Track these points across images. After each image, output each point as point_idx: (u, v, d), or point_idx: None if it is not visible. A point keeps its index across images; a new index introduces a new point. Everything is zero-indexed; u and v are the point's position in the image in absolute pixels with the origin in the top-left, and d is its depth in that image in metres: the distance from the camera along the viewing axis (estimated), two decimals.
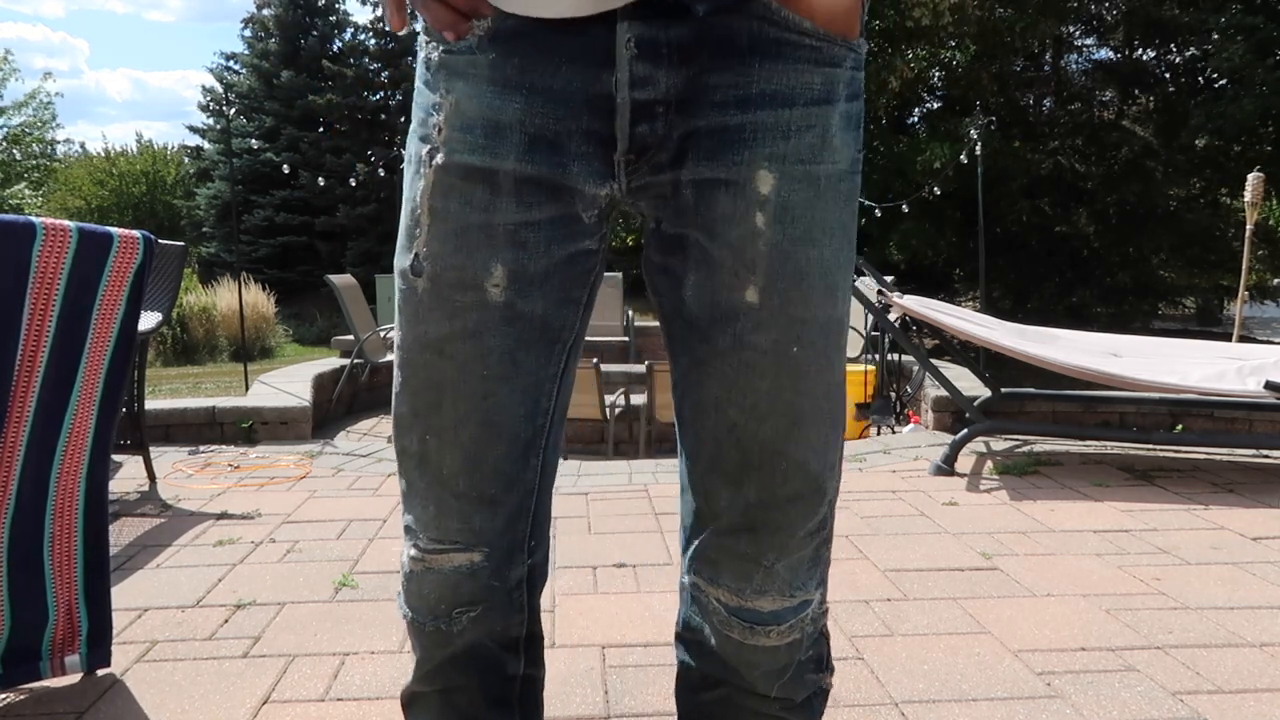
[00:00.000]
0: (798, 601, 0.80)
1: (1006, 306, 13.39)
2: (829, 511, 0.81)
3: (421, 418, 0.84)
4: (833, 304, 0.75)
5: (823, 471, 0.78)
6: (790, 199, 0.72)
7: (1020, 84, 14.87)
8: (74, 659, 1.80)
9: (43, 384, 1.64)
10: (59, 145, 24.27)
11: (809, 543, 0.80)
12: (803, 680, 0.84)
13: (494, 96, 0.74)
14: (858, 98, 0.74)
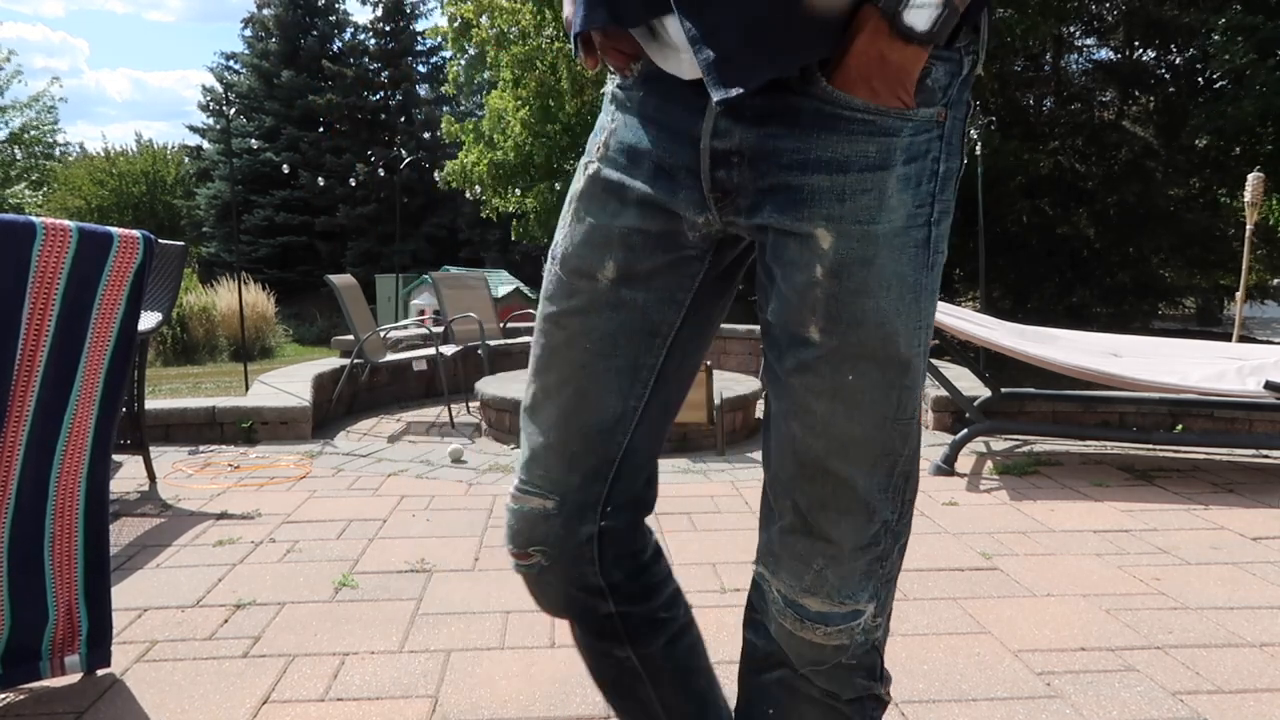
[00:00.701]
0: (847, 610, 0.87)
1: (1006, 306, 13.38)
2: (883, 531, 0.87)
3: (537, 375, 1.00)
4: (890, 345, 0.83)
5: (871, 492, 0.86)
6: (846, 256, 0.81)
7: (1020, 84, 14.86)
8: (74, 659, 1.80)
9: (42, 383, 1.64)
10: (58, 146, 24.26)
11: (859, 557, 0.87)
12: (850, 682, 0.90)
13: (639, 127, 0.91)
14: (920, 158, 0.82)
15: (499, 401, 5.22)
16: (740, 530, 2.81)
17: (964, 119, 0.85)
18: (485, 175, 15.97)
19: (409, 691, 1.78)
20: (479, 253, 24.38)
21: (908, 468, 0.88)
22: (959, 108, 0.84)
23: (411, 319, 10.49)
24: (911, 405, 0.86)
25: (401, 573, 2.45)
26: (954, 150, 0.85)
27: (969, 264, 14.16)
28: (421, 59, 26.68)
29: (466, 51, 17.98)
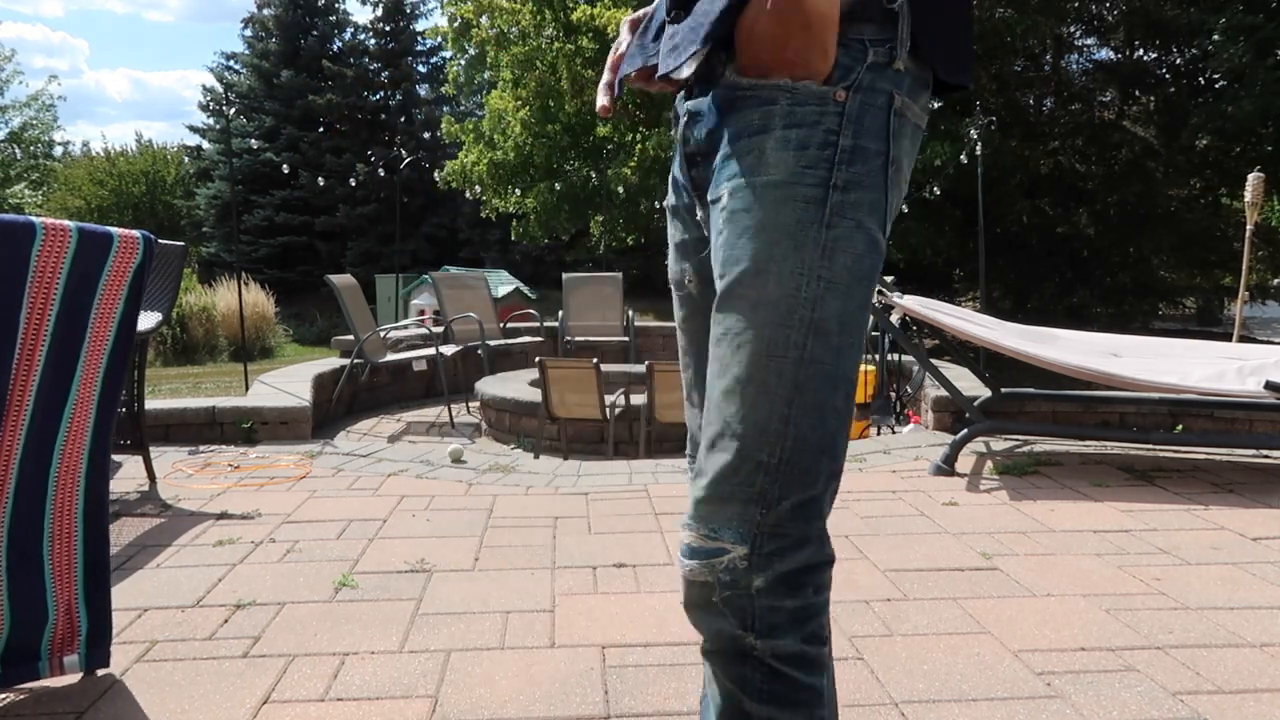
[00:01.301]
0: (711, 546, 0.89)
1: (1006, 306, 13.39)
2: (758, 473, 0.88)
3: (683, 372, 1.16)
4: (762, 285, 0.89)
5: (748, 434, 0.88)
6: (734, 206, 0.92)
7: (1020, 84, 14.87)
8: (73, 659, 1.80)
9: (40, 382, 1.64)
10: (58, 146, 24.26)
11: (729, 495, 0.89)
12: (716, 629, 0.90)
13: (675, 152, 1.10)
14: (805, 126, 0.91)
15: (499, 401, 5.21)
16: None
17: (885, 108, 0.91)
18: (485, 175, 15.97)
19: (409, 691, 1.78)
20: (479, 253, 24.39)
21: (787, 410, 0.88)
22: (873, 94, 0.91)
23: (411, 319, 10.50)
24: (790, 345, 0.88)
25: (401, 573, 2.45)
26: (866, 131, 0.91)
27: (969, 264, 14.15)
28: (421, 59, 26.69)
29: (466, 51, 17.99)
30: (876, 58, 0.91)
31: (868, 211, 0.91)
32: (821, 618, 0.91)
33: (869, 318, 0.95)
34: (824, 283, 0.89)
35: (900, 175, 0.95)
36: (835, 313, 0.89)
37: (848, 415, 0.92)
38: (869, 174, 0.91)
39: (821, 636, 0.91)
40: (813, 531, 0.90)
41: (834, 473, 0.92)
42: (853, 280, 0.90)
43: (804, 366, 0.89)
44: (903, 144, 0.95)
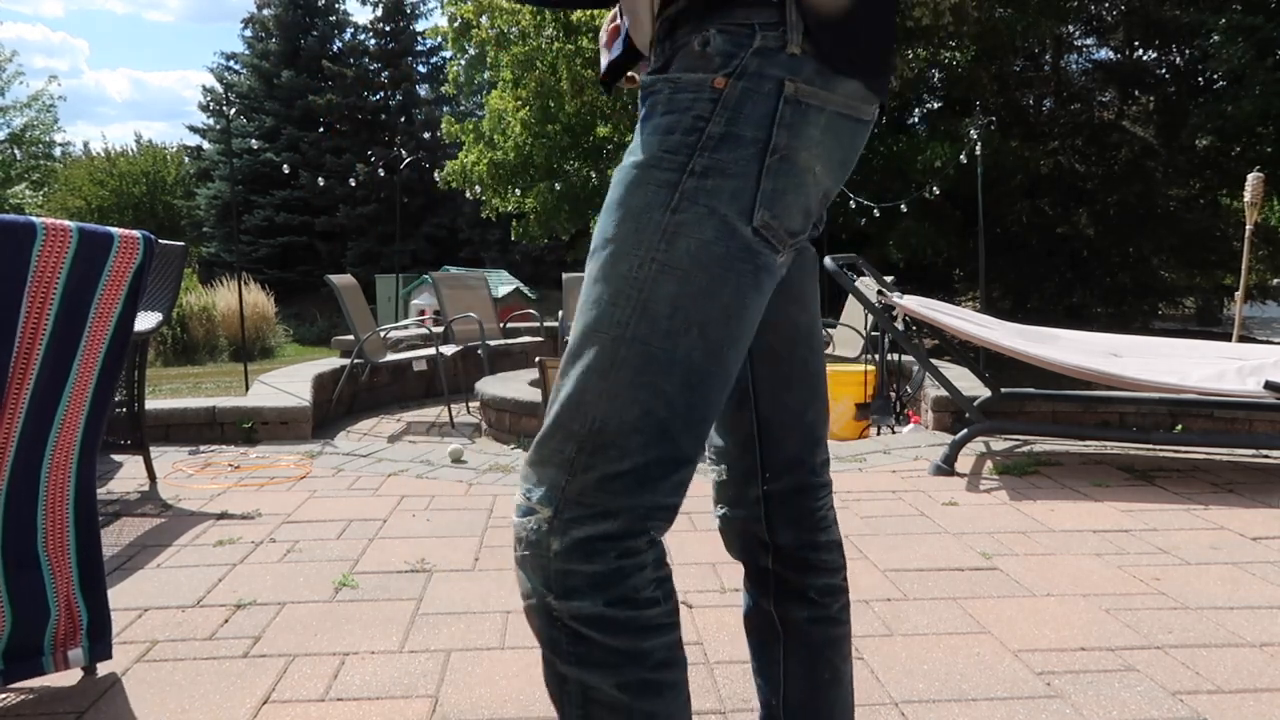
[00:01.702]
0: (525, 505, 0.92)
1: (1006, 306, 13.38)
2: (565, 440, 0.90)
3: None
4: (603, 262, 0.92)
5: (565, 403, 0.91)
6: (612, 184, 0.95)
7: (1020, 84, 14.86)
8: (77, 653, 1.80)
9: (36, 381, 1.64)
10: (58, 147, 24.27)
11: (547, 459, 0.91)
12: (527, 588, 0.92)
13: None
14: (678, 112, 0.92)
15: (499, 401, 5.21)
16: None
17: (773, 95, 0.90)
18: (485, 175, 15.96)
19: (409, 691, 1.78)
20: (479, 253, 24.39)
21: (601, 384, 0.89)
22: (757, 80, 0.90)
23: (412, 319, 10.49)
24: (613, 323, 0.89)
25: (401, 573, 2.45)
26: (744, 119, 0.90)
27: (969, 264, 14.15)
28: (421, 59, 26.69)
29: (466, 51, 17.97)
30: (765, 42, 0.90)
31: (727, 199, 0.90)
32: (633, 579, 0.89)
33: (733, 304, 0.91)
34: (658, 264, 0.89)
35: (792, 165, 0.92)
36: (668, 296, 0.89)
37: (686, 401, 0.90)
38: (736, 161, 0.90)
39: (636, 598, 0.89)
40: (620, 506, 0.89)
41: (667, 459, 0.90)
42: (694, 266, 0.89)
43: (624, 345, 0.89)
44: (805, 132, 0.92)
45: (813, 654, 1.18)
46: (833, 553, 1.18)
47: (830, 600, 1.17)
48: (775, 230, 0.92)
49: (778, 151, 0.91)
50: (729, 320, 0.91)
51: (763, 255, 0.92)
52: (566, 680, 0.90)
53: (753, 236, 0.91)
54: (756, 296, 0.93)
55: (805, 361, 1.15)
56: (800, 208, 0.94)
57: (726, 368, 0.93)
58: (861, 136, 0.99)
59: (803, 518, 1.17)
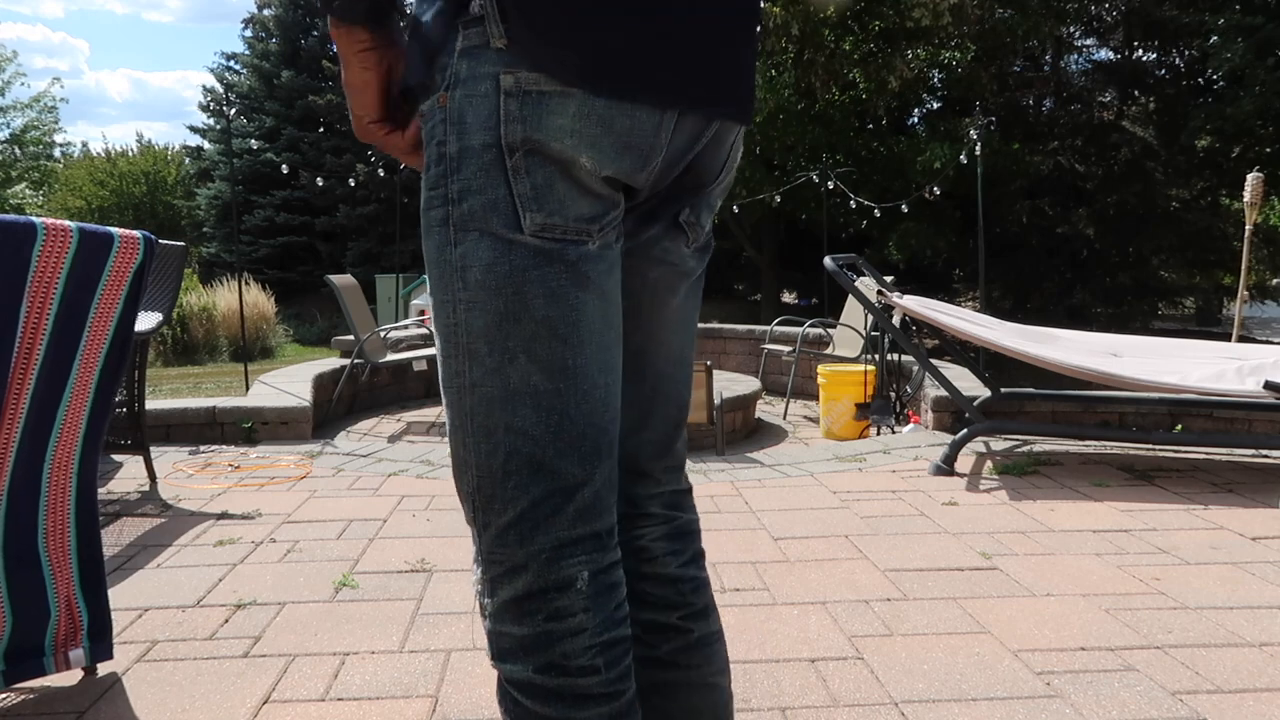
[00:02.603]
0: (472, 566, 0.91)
1: (1006, 306, 13.38)
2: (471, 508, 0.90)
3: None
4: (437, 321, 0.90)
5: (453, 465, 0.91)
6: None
7: (1020, 84, 14.87)
8: (78, 653, 1.80)
9: (37, 381, 1.65)
10: (58, 147, 24.26)
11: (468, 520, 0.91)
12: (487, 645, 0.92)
13: None
14: (428, 144, 0.88)
15: None
16: (740, 530, 2.81)
17: (491, 93, 0.83)
18: None
19: (409, 691, 1.78)
20: None
21: (466, 439, 0.88)
22: (473, 83, 0.84)
23: (412, 319, 10.49)
24: (454, 374, 0.88)
25: (401, 573, 2.45)
26: (469, 127, 0.84)
27: (969, 264, 14.15)
28: None
29: None
30: (467, 41, 0.84)
31: (486, 214, 0.85)
32: (563, 646, 0.86)
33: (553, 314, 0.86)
34: (464, 304, 0.86)
35: (544, 160, 0.84)
36: (480, 332, 0.86)
37: (546, 427, 0.86)
38: (479, 173, 0.85)
39: (567, 666, 0.85)
40: (525, 556, 0.86)
41: (552, 491, 0.86)
42: (488, 294, 0.85)
43: (466, 394, 0.88)
44: (548, 122, 0.83)
45: (644, 699, 1.01)
46: (663, 587, 1.05)
47: (658, 640, 1.04)
48: (560, 226, 0.86)
49: (516, 150, 0.84)
50: (557, 331, 0.86)
51: (566, 251, 0.86)
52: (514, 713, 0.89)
53: (536, 241, 0.85)
54: (581, 292, 0.86)
55: (633, 385, 1.03)
56: (582, 193, 0.86)
57: (584, 376, 0.87)
58: (645, 119, 0.87)
59: (621, 547, 1.02)
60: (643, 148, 0.88)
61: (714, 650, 1.07)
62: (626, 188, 0.91)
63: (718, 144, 0.96)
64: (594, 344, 0.88)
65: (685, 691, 1.06)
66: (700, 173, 0.97)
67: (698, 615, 1.06)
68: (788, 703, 1.73)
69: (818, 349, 6.40)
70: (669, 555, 1.07)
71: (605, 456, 0.90)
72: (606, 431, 0.90)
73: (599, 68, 0.84)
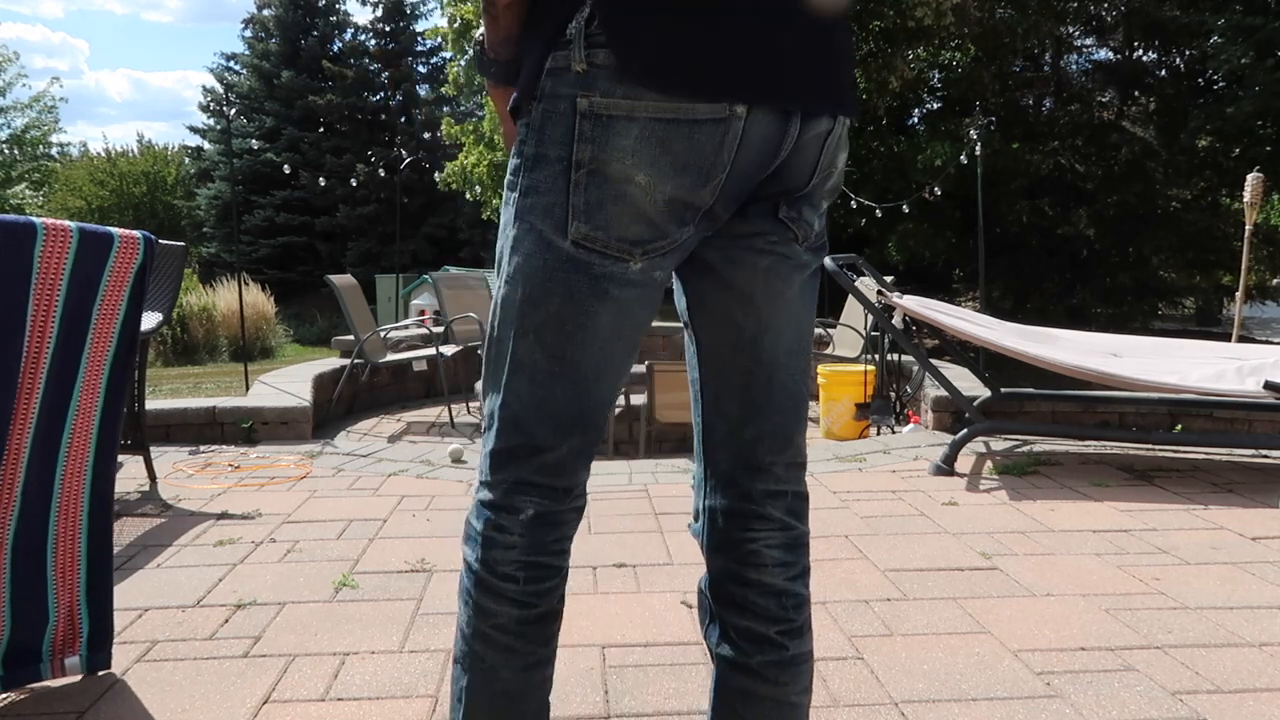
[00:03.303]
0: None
1: (1006, 306, 13.37)
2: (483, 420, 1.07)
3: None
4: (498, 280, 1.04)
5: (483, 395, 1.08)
6: None
7: (1020, 84, 14.85)
8: (74, 660, 1.80)
9: (46, 385, 1.64)
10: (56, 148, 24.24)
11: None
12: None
13: None
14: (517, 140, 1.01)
15: None
16: None
17: (569, 113, 0.94)
18: (485, 176, 15.95)
19: (409, 691, 1.78)
20: (479, 253, 24.37)
21: (488, 379, 1.05)
22: (554, 101, 0.95)
23: (412, 319, 10.49)
24: (490, 325, 1.04)
25: (402, 573, 2.45)
26: (548, 139, 0.96)
27: (969, 264, 14.14)
28: (421, 59, 26.66)
29: (466, 52, 17.95)
30: (555, 63, 0.94)
31: (541, 215, 0.97)
32: (494, 551, 1.02)
33: (568, 313, 0.98)
34: (506, 276, 1.01)
35: (604, 178, 0.94)
36: (511, 303, 1.00)
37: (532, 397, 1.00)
38: (545, 179, 0.96)
39: (493, 569, 1.02)
40: (493, 479, 1.03)
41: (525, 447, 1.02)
42: (522, 277, 0.99)
43: (493, 345, 1.04)
44: (613, 143, 0.93)
45: (722, 698, 1.10)
46: (767, 598, 1.08)
47: (752, 649, 1.07)
48: (602, 241, 0.95)
49: (583, 166, 0.94)
50: (565, 326, 0.98)
51: (597, 265, 0.96)
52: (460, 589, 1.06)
53: (573, 249, 0.96)
54: (598, 303, 0.97)
55: (749, 372, 1.08)
56: (632, 217, 0.95)
57: (577, 370, 0.99)
58: (706, 134, 0.93)
59: (730, 546, 1.10)
60: (703, 166, 0.95)
61: (802, 670, 1.09)
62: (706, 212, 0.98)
63: (801, 150, 1.00)
64: (596, 347, 0.99)
65: (768, 706, 1.08)
66: (786, 177, 1.01)
67: (795, 633, 1.09)
68: None
69: (818, 349, 6.40)
70: (779, 566, 1.09)
71: (577, 434, 1.02)
72: (585, 415, 1.02)
73: (665, 70, 0.92)
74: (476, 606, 1.02)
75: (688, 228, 0.98)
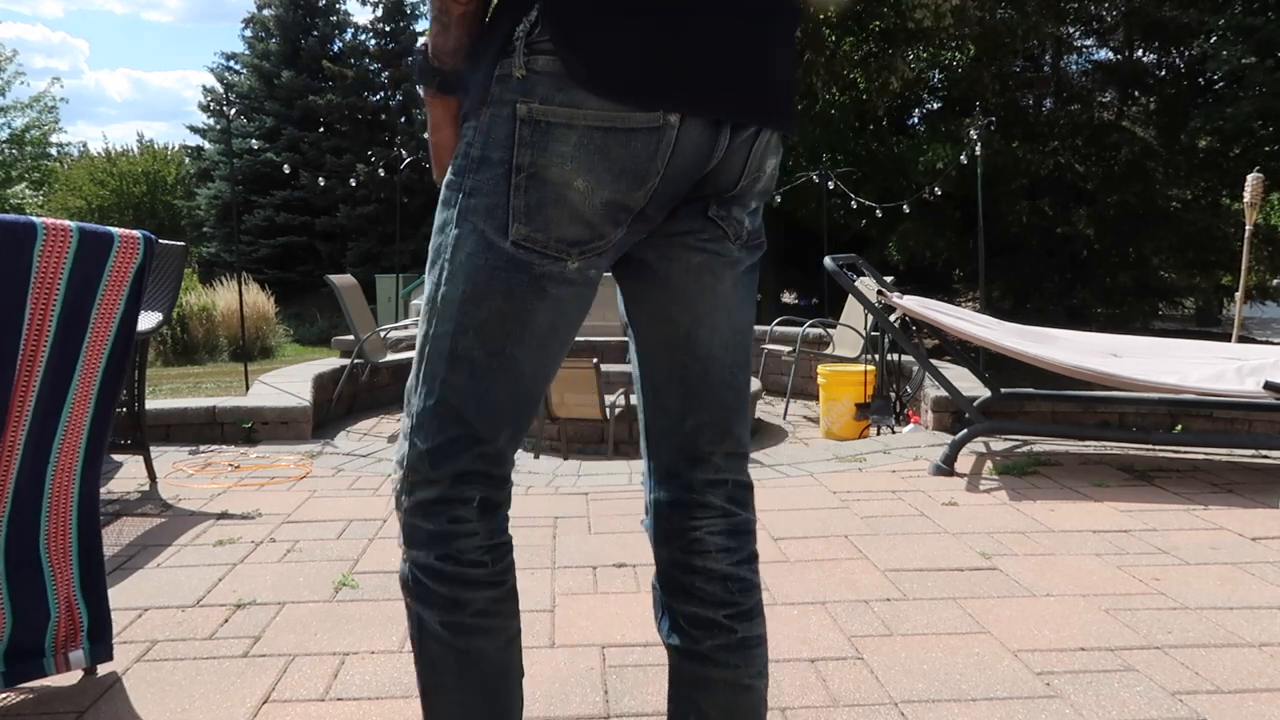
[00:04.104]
0: (395, 463, 1.11)
1: (1006, 306, 13.37)
2: (406, 420, 1.09)
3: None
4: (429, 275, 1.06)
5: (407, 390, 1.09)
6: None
7: (1020, 85, 14.86)
8: (77, 654, 1.80)
9: (41, 382, 1.64)
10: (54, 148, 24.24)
11: (403, 430, 1.10)
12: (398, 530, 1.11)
13: None
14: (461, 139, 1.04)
15: None
16: None
17: (510, 118, 0.96)
18: None
19: (409, 691, 1.78)
20: None
21: (418, 375, 1.06)
22: (500, 106, 0.97)
23: (412, 319, 10.49)
24: (425, 323, 1.05)
25: None
26: (494, 142, 0.98)
27: (969, 264, 14.14)
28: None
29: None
30: (501, 70, 0.97)
31: (483, 216, 0.99)
32: (459, 543, 1.04)
33: (508, 310, 1.00)
34: (447, 274, 1.02)
35: (543, 181, 0.96)
36: (450, 300, 1.02)
37: (473, 391, 1.03)
38: (488, 181, 0.98)
39: (460, 559, 1.03)
40: (435, 475, 1.04)
41: (466, 437, 1.04)
42: (464, 275, 1.00)
43: (428, 343, 1.04)
44: (552, 149, 0.95)
45: (679, 690, 1.13)
46: (712, 583, 1.10)
47: (701, 635, 1.09)
48: (541, 241, 0.98)
49: (522, 170, 0.97)
50: (506, 323, 1.00)
51: (537, 265, 0.99)
52: (408, 606, 1.07)
53: (514, 249, 0.98)
54: (538, 301, 1.00)
55: (685, 365, 1.11)
56: (570, 218, 0.98)
57: (516, 366, 1.02)
58: (641, 142, 0.96)
59: (675, 536, 1.14)
60: (638, 171, 0.98)
61: (755, 653, 1.11)
62: (639, 213, 1.01)
63: (731, 155, 1.03)
64: (533, 343, 1.02)
65: (722, 690, 1.10)
66: (716, 180, 1.05)
67: (744, 616, 1.11)
68: (788, 703, 1.73)
69: (818, 349, 6.40)
70: (722, 552, 1.12)
71: (511, 425, 1.06)
72: (519, 408, 1.06)
73: (603, 73, 0.94)
74: (449, 602, 1.04)
75: (621, 229, 1.01)
